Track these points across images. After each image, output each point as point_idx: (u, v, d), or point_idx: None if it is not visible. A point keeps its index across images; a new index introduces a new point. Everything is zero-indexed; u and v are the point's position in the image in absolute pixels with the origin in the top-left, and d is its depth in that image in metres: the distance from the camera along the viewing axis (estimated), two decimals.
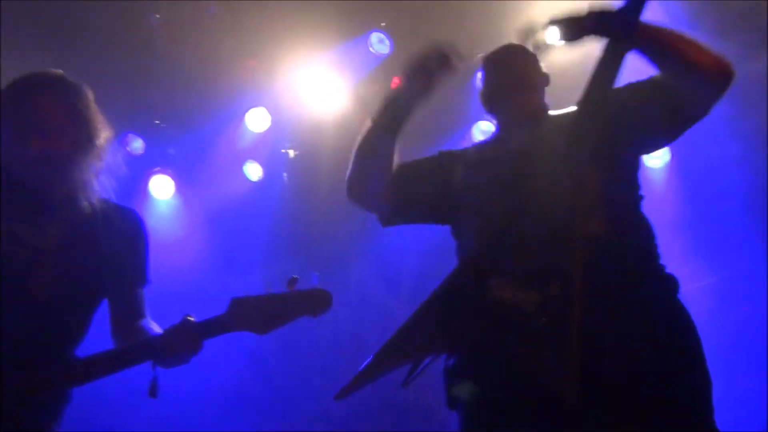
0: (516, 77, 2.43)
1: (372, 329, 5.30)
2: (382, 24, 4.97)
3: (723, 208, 5.02)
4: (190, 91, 5.22)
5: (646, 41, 2.03)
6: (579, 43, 2.06)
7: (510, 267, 1.99)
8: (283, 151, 5.66)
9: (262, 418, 5.39)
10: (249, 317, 2.09)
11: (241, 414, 5.41)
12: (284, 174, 5.73)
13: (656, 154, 5.23)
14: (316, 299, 2.10)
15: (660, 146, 2.44)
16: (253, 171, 5.68)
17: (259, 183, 5.69)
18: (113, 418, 4.69)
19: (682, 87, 2.12)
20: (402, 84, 2.31)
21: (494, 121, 2.56)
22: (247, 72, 5.14)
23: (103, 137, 2.28)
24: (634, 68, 2.12)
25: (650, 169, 5.23)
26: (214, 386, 5.19)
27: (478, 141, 2.64)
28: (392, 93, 2.34)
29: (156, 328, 2.27)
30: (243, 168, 5.66)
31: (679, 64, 2.06)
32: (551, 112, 2.45)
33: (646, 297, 2.05)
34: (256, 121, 5.48)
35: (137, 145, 5.38)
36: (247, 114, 5.45)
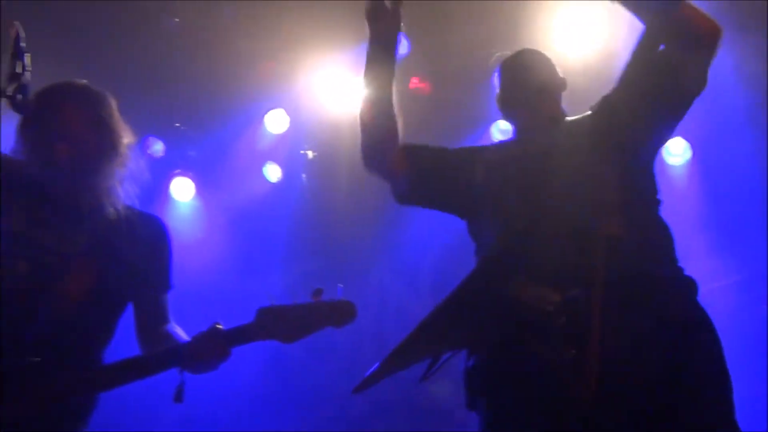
0: (533, 83, 2.42)
1: (391, 329, 5.30)
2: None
3: (744, 206, 4.97)
4: (209, 93, 5.26)
5: None
6: None
7: (530, 267, 2.00)
8: (302, 152, 5.69)
9: (281, 418, 5.41)
10: (275, 327, 2.14)
11: (261, 414, 5.43)
12: (303, 175, 5.75)
13: (676, 151, 5.20)
14: (340, 310, 2.16)
15: (669, 127, 2.34)
16: (273, 172, 5.71)
17: (279, 184, 5.72)
18: (134, 419, 4.73)
19: (670, 50, 2.12)
20: (369, 30, 2.32)
21: (511, 125, 2.56)
22: (266, 74, 5.16)
23: (126, 144, 2.34)
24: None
25: (671, 167, 5.20)
26: (234, 386, 5.21)
27: (497, 141, 2.64)
28: (367, 46, 2.34)
29: (181, 333, 2.31)
30: (262, 169, 5.69)
31: (668, 18, 2.06)
32: (568, 118, 2.44)
33: (665, 299, 2.04)
34: (275, 122, 5.51)
35: (158, 147, 5.44)
36: (266, 116, 5.48)
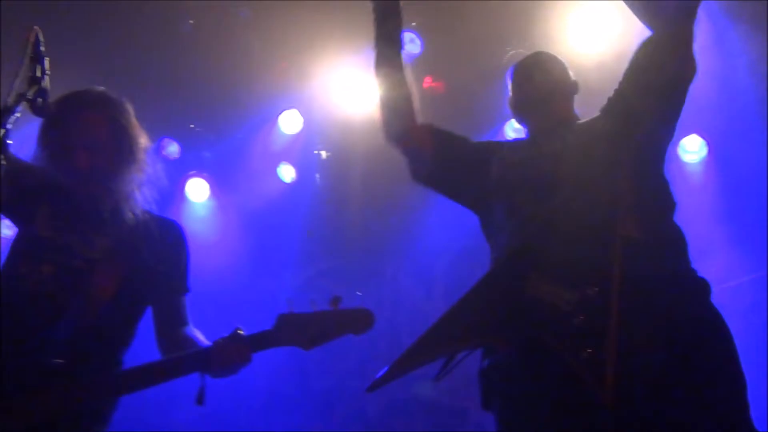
0: (543, 88, 2.43)
1: (406, 328, 5.30)
2: (413, 24, 4.98)
3: (761, 202, 4.92)
4: (224, 95, 5.28)
5: None
6: None
7: (547, 267, 2.00)
8: (316, 152, 5.70)
9: (297, 418, 5.43)
10: (295, 333, 2.19)
11: (277, 414, 5.45)
12: (317, 175, 5.77)
13: (692, 149, 5.16)
14: (358, 318, 2.20)
15: (670, 118, 2.33)
16: (287, 173, 5.73)
17: (293, 184, 5.73)
18: (153, 418, 4.77)
19: (652, 37, 2.16)
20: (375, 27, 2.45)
21: (524, 127, 2.56)
22: (280, 75, 5.18)
23: (143, 150, 2.38)
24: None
25: (687, 164, 5.16)
26: (250, 386, 5.24)
27: (512, 139, 2.65)
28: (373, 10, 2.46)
29: (200, 336, 2.35)
30: (277, 170, 5.71)
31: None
32: (580, 120, 2.44)
33: (680, 299, 2.04)
34: (289, 123, 5.53)
35: (173, 149, 5.47)
36: (280, 116, 5.50)
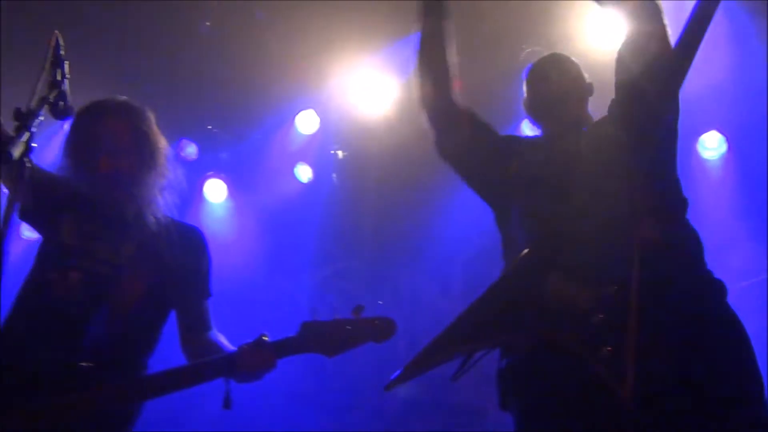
0: (556, 92, 2.43)
1: (423, 328, 5.30)
2: None
3: None
4: (241, 96, 5.31)
5: None
6: None
7: (566, 266, 2.00)
8: (332, 152, 5.71)
9: (317, 417, 5.45)
10: (319, 341, 2.23)
11: (297, 414, 5.47)
12: (333, 175, 5.78)
13: (711, 145, 5.12)
14: (380, 327, 2.25)
15: (668, 112, 2.30)
16: (304, 173, 5.75)
17: (309, 184, 5.75)
18: (176, 418, 4.80)
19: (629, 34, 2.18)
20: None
21: (538, 128, 2.56)
22: (296, 75, 5.20)
23: (165, 155, 2.43)
24: None
25: (706, 160, 5.12)
26: (270, 386, 5.25)
27: (530, 136, 2.64)
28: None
29: (224, 341, 2.39)
30: (294, 170, 5.73)
31: None
32: (593, 121, 2.43)
33: (697, 299, 2.04)
34: (306, 123, 5.55)
35: (191, 150, 5.51)
36: (297, 117, 5.52)
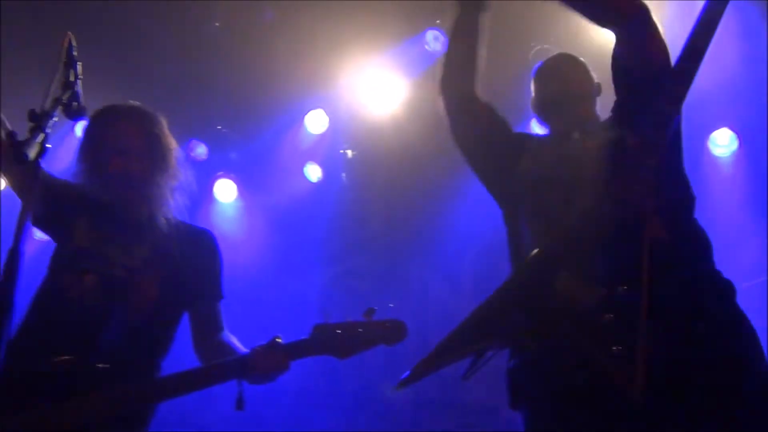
0: (563, 94, 2.42)
1: (433, 327, 5.30)
2: (437, 22, 4.98)
3: None
4: (250, 96, 5.33)
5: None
6: None
7: (576, 266, 2.00)
8: (342, 151, 5.72)
9: (328, 417, 5.46)
10: (331, 343, 2.24)
11: (308, 413, 5.48)
12: (343, 174, 5.79)
13: (722, 142, 5.09)
14: (391, 330, 2.25)
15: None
16: (313, 172, 5.76)
17: (319, 184, 5.76)
18: (186, 417, 4.82)
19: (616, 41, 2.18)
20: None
21: (545, 128, 2.55)
22: (305, 75, 5.21)
23: (176, 157, 2.45)
24: None
25: (718, 158, 5.10)
26: (279, 385, 5.27)
27: (540, 135, 2.64)
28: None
29: (236, 342, 2.40)
30: (303, 169, 5.75)
31: (596, 7, 2.16)
32: (600, 121, 2.43)
33: (706, 299, 2.04)
34: (315, 123, 5.56)
35: (201, 150, 5.54)
36: (307, 116, 5.53)
